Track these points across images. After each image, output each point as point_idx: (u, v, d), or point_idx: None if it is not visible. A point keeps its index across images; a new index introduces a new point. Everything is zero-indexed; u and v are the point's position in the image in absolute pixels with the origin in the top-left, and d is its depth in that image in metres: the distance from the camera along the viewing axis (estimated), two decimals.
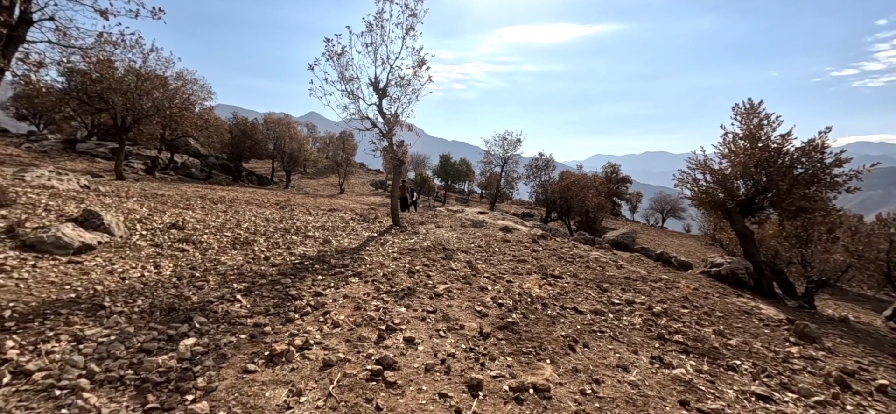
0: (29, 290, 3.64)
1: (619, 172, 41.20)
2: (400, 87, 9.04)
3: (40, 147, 22.00)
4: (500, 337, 3.73)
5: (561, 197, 25.92)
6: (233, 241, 6.68)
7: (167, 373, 2.69)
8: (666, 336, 4.14)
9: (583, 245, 10.41)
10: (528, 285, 5.52)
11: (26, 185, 8.55)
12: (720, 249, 20.67)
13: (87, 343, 2.94)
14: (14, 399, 2.25)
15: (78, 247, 4.86)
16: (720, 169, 9.44)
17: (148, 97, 17.56)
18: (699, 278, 7.67)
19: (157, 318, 3.55)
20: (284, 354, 3.05)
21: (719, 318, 5.03)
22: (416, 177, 38.23)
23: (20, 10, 5.74)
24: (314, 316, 3.89)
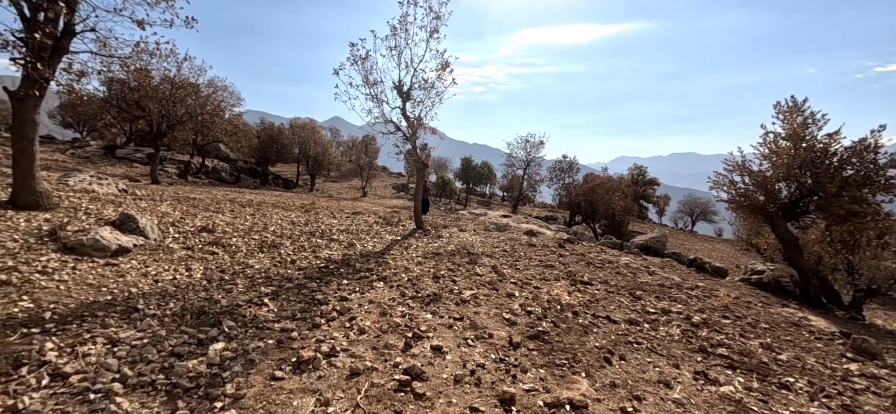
0: (68, 291, 3.75)
1: (645, 174, 40.01)
2: (423, 90, 9.01)
3: (83, 153, 23.15)
4: (531, 347, 3.58)
5: (585, 200, 25.33)
6: (260, 244, 6.76)
7: (197, 378, 2.68)
8: (708, 349, 3.88)
9: (611, 250, 10.08)
10: (557, 292, 5.33)
11: (69, 190, 8.97)
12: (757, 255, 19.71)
13: (122, 346, 2.98)
14: (51, 402, 2.28)
15: (115, 249, 5.00)
16: (760, 171, 8.93)
17: (181, 104, 18.24)
18: (738, 286, 7.26)
19: (188, 321, 3.58)
20: (311, 362, 3.00)
21: (765, 330, 4.71)
22: (438, 179, 38.27)
23: (64, 22, 5.98)
24: (340, 321, 3.85)
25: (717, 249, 28.75)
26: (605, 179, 28.11)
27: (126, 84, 17.17)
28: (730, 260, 21.86)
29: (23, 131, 5.62)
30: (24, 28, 5.54)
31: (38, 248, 4.52)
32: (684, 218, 44.24)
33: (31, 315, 3.19)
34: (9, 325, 3.00)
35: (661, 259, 10.91)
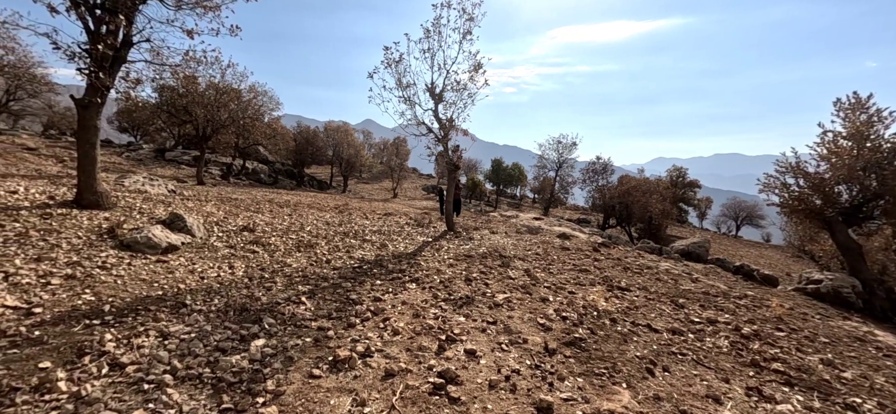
0: (124, 286, 4.00)
1: (685, 176, 38.24)
2: (456, 91, 9.00)
3: (136, 156, 24.76)
4: (568, 354, 3.47)
5: (620, 202, 24.51)
6: (297, 243, 6.97)
7: (240, 373, 2.78)
8: (761, 363, 3.63)
9: (649, 254, 9.68)
10: (593, 298, 5.17)
11: (125, 190, 9.60)
12: (811, 263, 18.37)
13: (172, 339, 3.14)
14: (110, 390, 2.42)
15: (165, 247, 5.30)
16: (817, 173, 8.30)
17: (225, 109, 19.17)
18: (792, 296, 6.76)
19: (231, 317, 3.73)
20: (347, 361, 3.05)
21: (825, 344, 4.35)
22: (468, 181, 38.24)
23: (123, 33, 6.41)
24: (374, 322, 3.89)
25: (765, 255, 27.06)
26: (642, 181, 27.08)
27: (175, 91, 18.23)
28: (780, 267, 20.52)
29: (86, 136, 6.07)
30: (88, 41, 5.99)
31: (98, 244, 4.86)
32: (728, 222, 41.87)
33: (92, 307, 3.42)
34: (73, 316, 3.23)
35: (704, 265, 10.37)
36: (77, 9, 5.88)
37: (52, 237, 4.70)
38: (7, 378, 2.37)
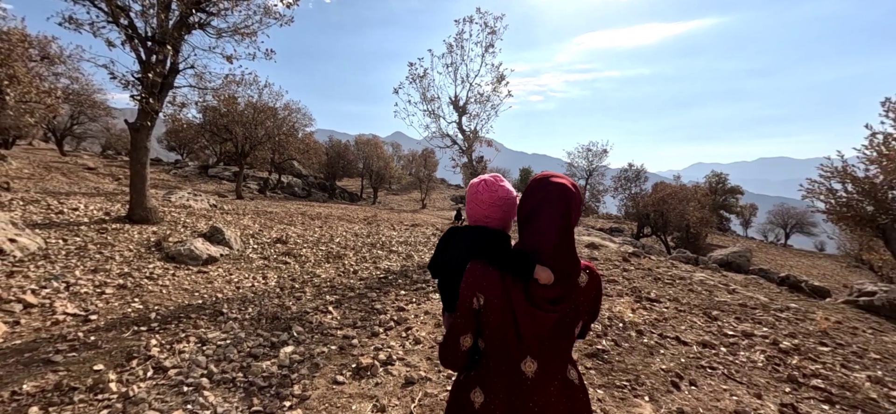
0: (169, 295, 4.32)
1: (726, 182, 36.41)
2: (479, 103, 9.11)
3: (182, 172, 26.37)
4: (589, 366, 3.44)
5: (655, 210, 23.66)
6: (327, 254, 7.24)
7: (270, 378, 2.95)
8: (800, 379, 3.45)
9: (684, 265, 9.32)
10: (620, 309, 5.06)
11: (171, 205, 10.29)
12: (869, 273, 17.04)
13: (209, 345, 3.37)
14: (154, 392, 2.64)
15: (205, 259, 5.67)
16: (867, 177, 7.75)
17: (262, 126, 20.20)
18: (842, 309, 6.32)
19: (263, 325, 3.95)
20: (370, 368, 3.16)
21: (875, 361, 4.05)
22: None
23: (170, 62, 6.96)
24: (397, 331, 4.00)
25: (818, 265, 25.24)
26: (678, 188, 26.05)
27: (217, 111, 19.40)
28: (834, 278, 19.10)
29: (138, 156, 6.62)
30: (140, 70, 6.56)
31: (146, 256, 5.28)
32: (776, 230, 39.30)
33: (140, 315, 3.73)
34: (124, 322, 3.54)
35: (744, 276, 9.86)
36: (131, 42, 6.47)
37: (107, 250, 5.14)
38: (67, 379, 2.64)
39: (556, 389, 1.09)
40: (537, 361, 1.09)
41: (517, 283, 1.09)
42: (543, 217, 1.10)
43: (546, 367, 1.10)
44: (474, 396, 1.14)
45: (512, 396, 1.09)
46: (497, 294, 1.09)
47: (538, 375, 1.09)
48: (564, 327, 1.11)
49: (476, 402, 1.13)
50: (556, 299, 1.09)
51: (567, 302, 1.11)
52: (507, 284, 1.09)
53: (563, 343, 1.12)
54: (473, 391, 1.15)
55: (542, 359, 1.09)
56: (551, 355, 1.11)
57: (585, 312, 1.16)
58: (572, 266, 1.10)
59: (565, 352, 1.15)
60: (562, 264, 1.09)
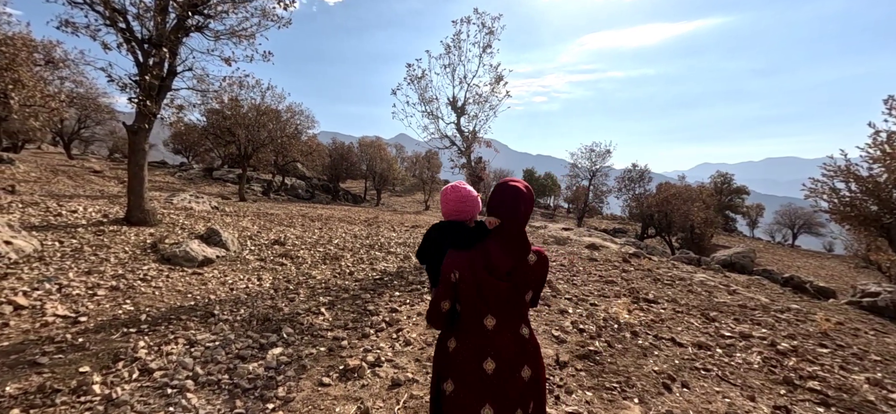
0: (161, 297, 4.33)
1: (731, 182, 36.06)
2: (477, 104, 9.09)
3: (187, 175, 26.57)
4: (580, 367, 3.39)
5: (659, 211, 23.47)
6: (324, 256, 7.23)
7: (255, 380, 2.93)
8: (796, 381, 3.38)
9: (686, 265, 9.22)
10: (616, 310, 5.00)
11: (173, 207, 10.34)
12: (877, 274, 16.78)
13: (198, 347, 3.36)
14: (137, 394, 2.64)
15: (201, 260, 5.68)
16: (871, 176, 7.62)
17: (264, 129, 20.30)
18: (845, 310, 6.21)
19: (254, 326, 3.94)
20: (357, 370, 3.14)
21: (875, 362, 3.97)
22: None
23: (168, 64, 6.99)
24: (388, 332, 3.98)
25: (826, 266, 24.91)
26: (683, 189, 25.83)
27: (220, 113, 19.53)
28: (841, 279, 18.83)
29: (136, 159, 6.66)
30: (138, 72, 6.60)
31: (142, 258, 5.29)
32: (783, 230, 38.82)
33: (130, 317, 3.74)
34: (113, 324, 3.54)
35: (747, 277, 9.74)
36: (128, 44, 6.51)
37: (103, 252, 5.17)
38: (51, 380, 2.65)
39: (509, 339, 1.46)
40: (495, 318, 1.46)
41: (480, 260, 1.47)
42: (499, 212, 1.47)
43: (502, 322, 1.46)
44: (450, 343, 1.54)
45: (476, 342, 1.47)
46: (468, 270, 1.47)
47: (495, 328, 1.46)
48: (516, 294, 1.47)
49: (451, 347, 1.52)
50: (509, 273, 1.45)
51: (517, 275, 1.46)
52: (476, 262, 1.46)
53: (516, 306, 1.48)
54: (450, 340, 1.54)
55: (499, 316, 1.46)
56: (506, 314, 1.47)
57: (533, 283, 1.51)
58: (522, 247, 1.47)
59: (518, 313, 1.49)
60: (513, 246, 1.46)
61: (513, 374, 1.45)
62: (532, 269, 1.48)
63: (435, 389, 1.63)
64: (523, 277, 1.46)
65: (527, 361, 1.48)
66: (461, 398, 1.45)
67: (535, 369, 1.51)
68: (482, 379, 1.44)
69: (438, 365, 1.60)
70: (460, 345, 1.49)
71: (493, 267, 1.44)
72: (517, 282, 1.45)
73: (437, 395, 1.61)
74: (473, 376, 1.45)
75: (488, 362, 1.44)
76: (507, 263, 1.44)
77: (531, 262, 1.48)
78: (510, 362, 1.44)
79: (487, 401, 1.42)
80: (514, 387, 1.45)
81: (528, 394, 1.49)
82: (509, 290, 1.44)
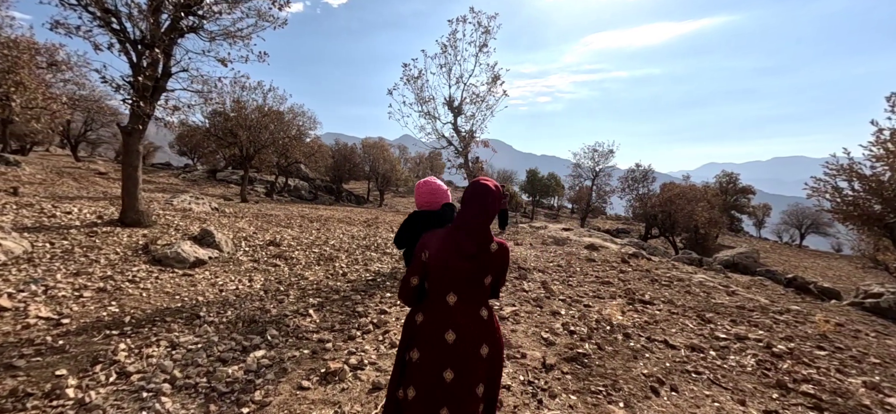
0: (148, 298, 4.31)
1: (736, 181, 35.67)
2: (474, 104, 9.03)
3: (191, 176, 26.72)
4: (566, 370, 3.32)
5: (662, 211, 23.25)
6: (319, 257, 7.20)
7: (233, 383, 2.89)
8: (789, 385, 3.28)
9: (686, 266, 9.09)
10: (610, 311, 4.92)
11: (172, 208, 10.36)
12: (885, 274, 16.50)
13: (179, 349, 3.33)
14: (112, 398, 2.60)
15: (193, 262, 5.66)
16: (874, 174, 7.45)
17: (266, 130, 20.36)
18: (847, 311, 6.07)
19: (240, 328, 3.90)
20: (338, 373, 3.09)
21: (874, 365, 3.86)
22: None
23: (163, 66, 6.99)
24: (374, 334, 3.93)
25: (834, 266, 24.56)
26: (687, 189, 25.55)
27: (223, 115, 19.63)
28: (849, 280, 18.53)
29: (129, 160, 6.66)
30: (131, 73, 6.60)
31: (132, 259, 5.28)
32: (791, 231, 38.33)
33: (114, 319, 3.71)
34: (96, 326, 3.52)
35: (749, 278, 9.58)
36: (122, 45, 6.52)
37: (93, 253, 5.16)
38: (24, 384, 2.62)
39: (469, 317, 1.64)
40: (457, 295, 1.64)
41: (449, 242, 1.64)
42: (469, 204, 1.68)
43: (462, 300, 1.64)
44: (418, 317, 1.72)
45: (439, 316, 1.64)
46: (437, 250, 1.65)
47: (456, 305, 1.64)
48: (477, 276, 1.64)
49: (418, 320, 1.71)
50: (472, 256, 1.63)
51: (480, 260, 1.64)
52: (445, 244, 1.65)
53: (476, 287, 1.66)
54: (417, 314, 1.73)
55: (460, 295, 1.64)
56: (467, 293, 1.65)
57: (494, 270, 1.68)
58: (485, 237, 1.65)
59: (478, 294, 1.67)
60: (477, 234, 1.65)
61: (473, 348, 1.62)
62: (493, 256, 1.66)
63: (400, 359, 1.78)
64: (485, 262, 1.64)
65: (486, 339, 1.66)
66: (425, 365, 1.63)
67: (492, 348, 1.70)
68: (443, 348, 1.61)
69: (406, 336, 1.77)
70: (426, 318, 1.67)
71: (458, 249, 1.62)
72: (479, 265, 1.63)
73: (402, 364, 1.77)
74: (436, 345, 1.62)
75: (449, 334, 1.61)
76: (471, 247, 1.62)
77: (493, 250, 1.66)
78: (470, 337, 1.62)
79: (448, 367, 1.59)
80: (474, 360, 1.62)
81: (486, 369, 1.67)
82: (471, 271, 1.62)
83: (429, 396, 1.60)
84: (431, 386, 1.60)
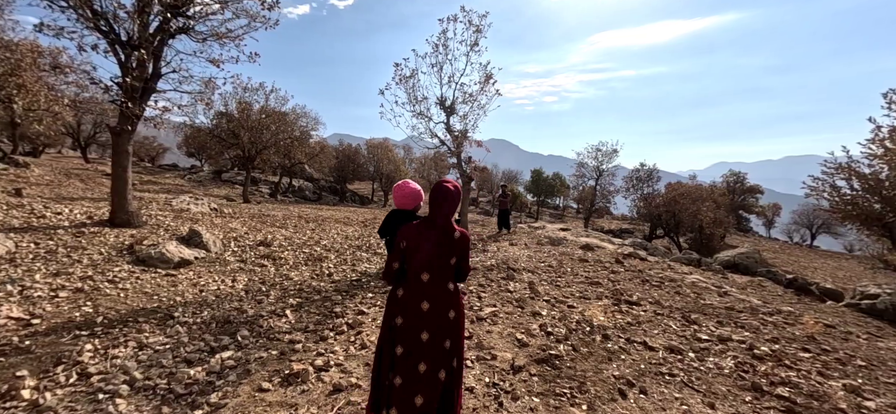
0: (125, 299, 4.32)
1: (744, 181, 35.09)
2: (466, 103, 8.96)
3: (197, 177, 26.98)
4: (534, 372, 3.25)
5: (667, 211, 22.95)
6: (308, 257, 7.20)
7: (192, 385, 2.87)
8: (765, 387, 3.18)
9: (683, 266, 8.94)
10: (592, 312, 4.84)
11: (171, 209, 10.41)
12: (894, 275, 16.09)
13: (146, 350, 3.32)
14: (66, 400, 2.60)
15: (177, 262, 5.68)
16: (873, 173, 7.24)
17: (267, 131, 20.47)
18: (842, 313, 5.90)
19: (213, 329, 3.89)
20: (300, 374, 3.06)
21: (859, 368, 3.73)
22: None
23: (152, 67, 7.04)
24: (347, 336, 3.89)
25: (845, 267, 24.00)
26: (692, 188, 25.21)
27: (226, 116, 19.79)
28: (859, 281, 18.10)
29: (118, 160, 6.72)
30: (121, 74, 6.65)
31: (116, 260, 5.32)
32: (802, 231, 37.59)
33: (86, 319, 3.72)
34: (67, 327, 3.53)
35: (748, 278, 9.39)
36: (112, 47, 6.58)
37: (76, 254, 5.20)
38: None
39: (439, 290, 2.09)
40: (429, 274, 2.08)
41: (423, 232, 2.11)
42: (435, 202, 2.14)
43: (433, 277, 2.08)
44: (399, 292, 2.15)
45: (416, 290, 2.08)
46: (413, 239, 2.11)
47: (428, 281, 2.08)
48: (443, 259, 2.10)
49: (399, 294, 2.13)
50: (439, 243, 2.09)
51: (444, 246, 2.10)
52: (418, 234, 2.11)
53: (443, 267, 2.10)
54: (398, 290, 2.16)
55: (431, 273, 2.08)
56: (436, 272, 2.09)
57: (456, 252, 2.14)
58: (449, 227, 2.13)
59: (445, 272, 2.11)
60: (441, 225, 2.12)
61: (443, 313, 2.08)
62: (455, 242, 2.12)
63: (387, 325, 2.17)
64: (449, 247, 2.10)
65: (452, 306, 2.12)
66: (407, 327, 2.07)
67: (457, 311, 2.15)
68: (420, 314, 2.06)
69: (390, 307, 2.18)
70: (405, 293, 2.11)
71: (429, 238, 2.08)
72: (444, 250, 2.09)
73: (389, 329, 2.16)
74: (415, 312, 2.07)
75: (424, 303, 2.07)
76: (438, 236, 2.09)
77: (456, 237, 2.12)
78: (440, 305, 2.08)
79: (425, 329, 2.06)
80: (444, 322, 2.09)
81: (452, 328, 2.13)
82: (438, 255, 2.08)
83: (412, 352, 2.04)
84: (413, 343, 2.04)
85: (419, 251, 2.06)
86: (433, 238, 2.07)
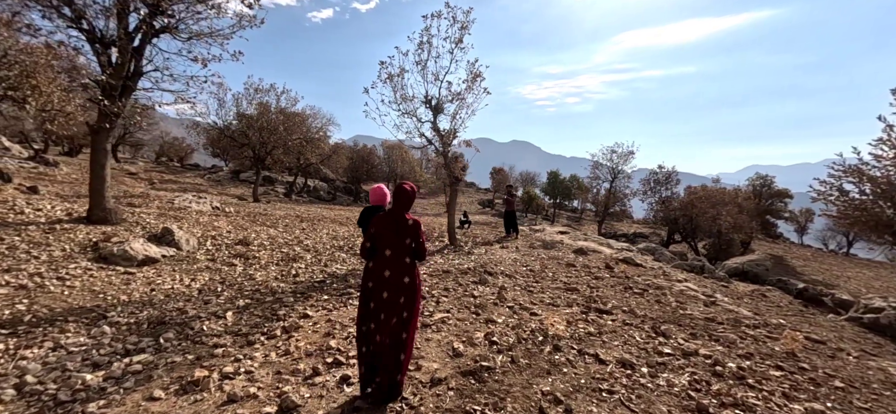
0: (67, 297, 4.29)
1: (772, 185, 33.20)
2: (453, 102, 8.71)
3: (216, 177, 27.63)
4: (454, 386, 2.98)
5: (684, 215, 21.92)
6: (283, 257, 7.10)
7: (82, 391, 2.75)
8: (710, 409, 2.81)
9: (680, 273, 8.39)
10: (554, 320, 4.50)
11: (173, 208, 10.54)
12: None
13: (58, 352, 3.24)
14: None
15: (141, 260, 5.67)
16: (884, 176, 6.52)
17: (275, 132, 20.77)
18: (840, 327, 5.32)
19: (142, 331, 3.80)
20: (199, 383, 2.89)
21: (834, 390, 3.26)
22: (524, 195, 37.14)
23: (134, 65, 7.09)
24: (277, 341, 3.72)
25: (882, 277, 22.26)
26: (714, 191, 23.96)
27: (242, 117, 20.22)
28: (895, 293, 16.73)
29: (97, 158, 6.81)
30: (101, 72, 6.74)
31: (76, 257, 5.35)
32: (838, 237, 35.19)
33: (14, 317, 3.69)
34: None
35: (754, 287, 8.73)
36: (93, 45, 6.67)
37: (37, 250, 5.25)
38: None
39: (397, 262, 2.70)
40: (390, 250, 2.71)
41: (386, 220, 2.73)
42: (396, 199, 2.79)
43: (393, 253, 2.70)
44: (370, 264, 2.76)
45: (381, 263, 2.71)
46: (379, 226, 2.73)
47: (389, 255, 2.70)
48: (400, 239, 2.72)
49: (370, 266, 2.75)
50: (395, 228, 2.71)
51: (400, 229, 2.71)
52: (383, 222, 2.73)
53: (401, 245, 2.72)
54: (369, 263, 2.76)
55: (391, 250, 2.70)
56: (395, 249, 2.71)
57: (410, 234, 2.75)
58: (403, 216, 2.76)
59: (402, 249, 2.72)
60: (399, 215, 2.75)
61: (400, 279, 2.69)
62: (408, 227, 2.72)
63: (363, 288, 2.78)
64: (403, 230, 2.71)
65: (407, 274, 2.72)
66: (374, 288, 2.70)
67: (411, 279, 2.74)
68: (383, 279, 2.69)
69: (365, 275, 2.78)
70: (374, 265, 2.72)
71: (389, 224, 2.70)
72: (400, 232, 2.70)
73: (364, 290, 2.77)
74: (380, 278, 2.69)
75: (386, 271, 2.69)
76: (395, 223, 2.71)
77: (409, 224, 2.73)
78: (397, 273, 2.69)
79: (385, 289, 2.67)
80: (400, 286, 2.70)
81: (407, 291, 2.72)
82: (396, 235, 2.70)
83: (377, 306, 2.67)
84: (378, 300, 2.67)
85: (383, 234, 2.69)
86: (393, 225, 2.70)
